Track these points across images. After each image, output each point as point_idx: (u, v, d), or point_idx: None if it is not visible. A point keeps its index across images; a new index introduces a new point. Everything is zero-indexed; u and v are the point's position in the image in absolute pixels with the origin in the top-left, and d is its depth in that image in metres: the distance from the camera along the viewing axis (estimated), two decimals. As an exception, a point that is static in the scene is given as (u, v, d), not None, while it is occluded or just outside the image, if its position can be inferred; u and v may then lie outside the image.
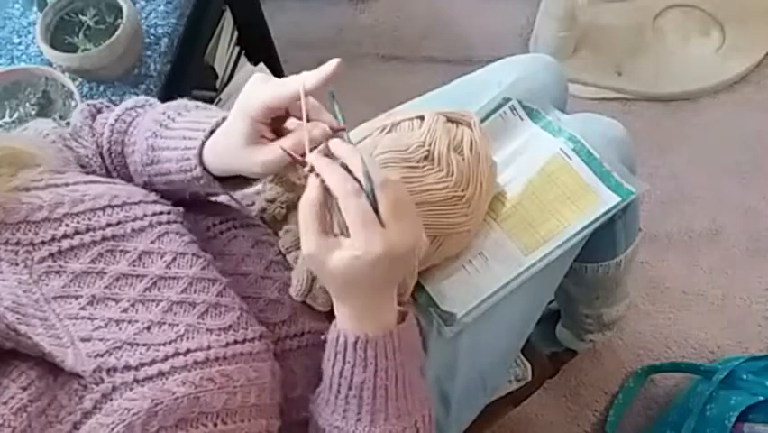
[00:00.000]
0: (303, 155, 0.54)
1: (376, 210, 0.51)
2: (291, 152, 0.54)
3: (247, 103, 0.55)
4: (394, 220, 0.51)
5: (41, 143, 0.66)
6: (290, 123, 0.58)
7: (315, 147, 0.55)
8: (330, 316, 0.69)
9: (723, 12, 1.71)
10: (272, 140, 0.57)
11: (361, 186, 0.52)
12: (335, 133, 0.55)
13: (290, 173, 0.67)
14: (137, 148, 0.65)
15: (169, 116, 0.64)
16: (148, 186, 0.66)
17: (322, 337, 0.59)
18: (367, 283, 0.53)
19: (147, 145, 0.64)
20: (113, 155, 0.68)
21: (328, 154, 0.55)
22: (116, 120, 0.68)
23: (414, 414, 0.59)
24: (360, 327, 0.55)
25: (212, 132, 0.59)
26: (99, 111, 0.72)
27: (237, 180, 0.62)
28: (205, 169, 0.60)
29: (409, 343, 0.58)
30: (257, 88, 0.55)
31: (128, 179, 0.69)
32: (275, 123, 0.58)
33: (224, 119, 0.59)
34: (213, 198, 0.76)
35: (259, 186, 0.78)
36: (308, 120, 0.55)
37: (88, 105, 0.72)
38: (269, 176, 0.68)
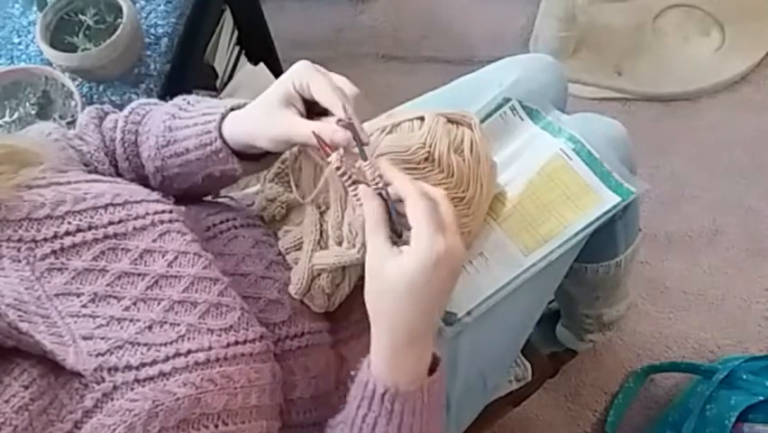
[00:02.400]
0: (326, 144, 0.57)
1: None
2: (321, 137, 0.56)
3: (293, 72, 0.60)
4: (453, 225, 0.53)
5: (44, 141, 0.66)
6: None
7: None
8: (329, 317, 0.69)
9: (723, 12, 1.71)
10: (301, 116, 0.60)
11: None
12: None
13: (311, 153, 0.68)
14: (152, 133, 0.67)
15: (188, 102, 0.67)
16: (160, 171, 0.67)
17: (352, 373, 0.57)
18: (421, 293, 0.51)
19: (164, 127, 0.66)
20: (126, 144, 0.69)
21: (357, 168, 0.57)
22: (130, 112, 0.70)
23: None
24: (392, 375, 0.53)
25: (232, 109, 0.63)
26: (107, 114, 0.73)
27: (251, 162, 0.65)
28: (224, 142, 0.62)
29: (437, 397, 0.57)
30: (311, 72, 0.59)
31: (139, 169, 0.70)
32: (309, 105, 0.61)
33: (247, 104, 0.63)
34: (213, 198, 0.76)
35: (258, 186, 0.79)
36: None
37: (97, 108, 0.73)
38: (282, 152, 0.69)
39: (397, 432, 0.54)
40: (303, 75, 0.59)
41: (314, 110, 0.61)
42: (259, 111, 0.61)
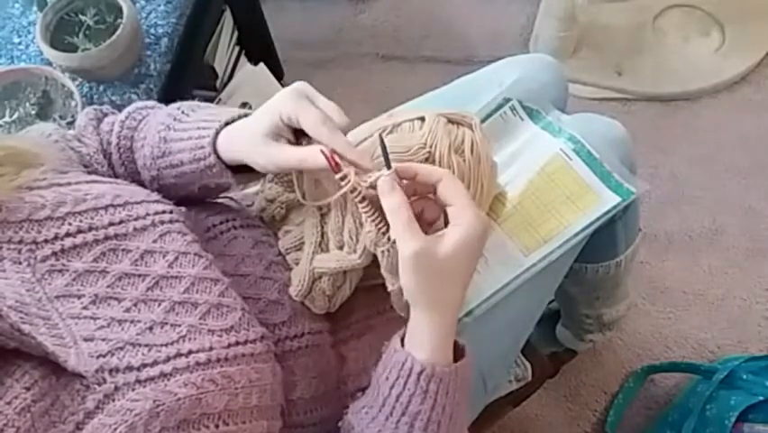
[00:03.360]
0: (337, 163, 0.55)
1: None
2: (329, 156, 0.55)
3: (280, 103, 0.58)
4: None
5: (44, 143, 0.66)
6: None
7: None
8: (330, 317, 0.69)
9: (723, 12, 1.71)
10: (290, 143, 0.60)
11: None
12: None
13: (320, 176, 0.66)
14: (147, 142, 0.67)
15: (183, 111, 0.66)
16: (156, 180, 0.67)
17: (382, 350, 0.58)
18: (466, 266, 0.54)
19: (159, 138, 0.65)
20: (121, 150, 0.69)
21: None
22: (127, 117, 0.70)
23: None
24: (431, 355, 0.55)
25: (227, 124, 0.62)
26: (105, 115, 0.73)
27: (246, 174, 0.64)
28: (218, 157, 0.61)
29: (466, 381, 0.58)
30: (299, 104, 0.57)
31: (135, 174, 0.70)
32: (297, 132, 0.60)
33: (242, 115, 0.62)
34: (213, 199, 0.76)
35: (258, 186, 0.78)
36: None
37: (95, 109, 0.73)
38: (275, 172, 0.69)
39: (430, 412, 0.55)
40: (290, 109, 0.58)
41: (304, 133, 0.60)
42: (249, 140, 0.60)
